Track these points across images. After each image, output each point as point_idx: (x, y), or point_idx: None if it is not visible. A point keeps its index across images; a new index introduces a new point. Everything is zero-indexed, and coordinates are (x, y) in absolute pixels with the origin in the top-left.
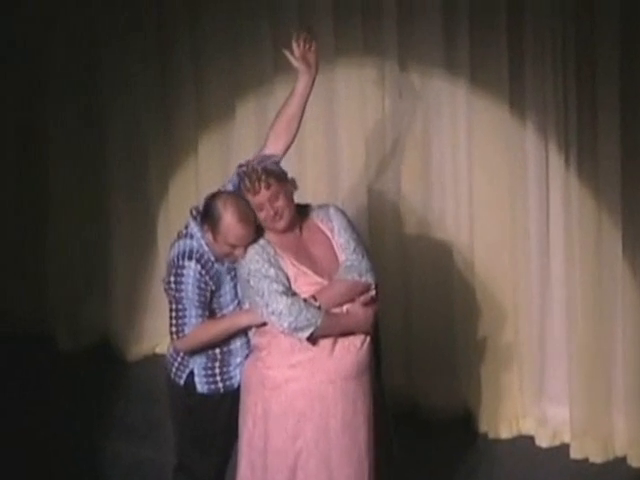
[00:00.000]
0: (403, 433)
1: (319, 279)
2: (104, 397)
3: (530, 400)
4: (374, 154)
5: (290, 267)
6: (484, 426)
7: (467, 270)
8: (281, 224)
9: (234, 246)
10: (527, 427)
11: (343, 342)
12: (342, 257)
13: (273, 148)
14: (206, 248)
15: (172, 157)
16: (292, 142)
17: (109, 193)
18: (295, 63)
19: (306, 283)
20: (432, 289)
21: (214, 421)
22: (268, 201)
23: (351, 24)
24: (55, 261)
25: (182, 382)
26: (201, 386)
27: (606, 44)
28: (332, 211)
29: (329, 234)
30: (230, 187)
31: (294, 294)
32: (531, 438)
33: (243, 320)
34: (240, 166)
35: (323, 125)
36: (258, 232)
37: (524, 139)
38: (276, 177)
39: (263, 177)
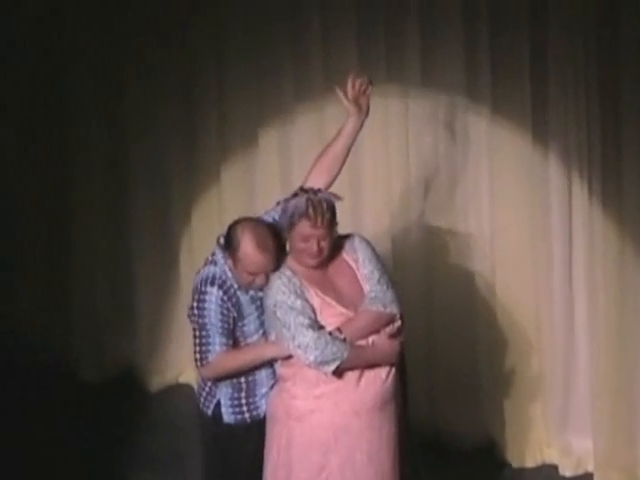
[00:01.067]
0: (427, 462)
1: (344, 310)
2: (128, 428)
3: (554, 429)
4: (398, 182)
5: (315, 298)
6: (508, 455)
7: (490, 299)
8: (316, 262)
9: (254, 274)
10: (551, 456)
11: (368, 374)
12: (367, 288)
13: (314, 184)
14: (229, 274)
15: (195, 186)
16: (332, 182)
17: (132, 223)
18: (346, 104)
19: (331, 314)
20: (455, 318)
21: (241, 452)
22: (318, 237)
23: (374, 55)
24: (79, 293)
25: (210, 412)
26: (227, 416)
27: (630, 74)
28: (357, 242)
29: (354, 265)
30: (268, 219)
31: (320, 327)
32: (555, 467)
33: (268, 352)
34: (302, 189)
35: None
36: (279, 260)
37: (547, 168)
38: (334, 218)
39: (328, 215)
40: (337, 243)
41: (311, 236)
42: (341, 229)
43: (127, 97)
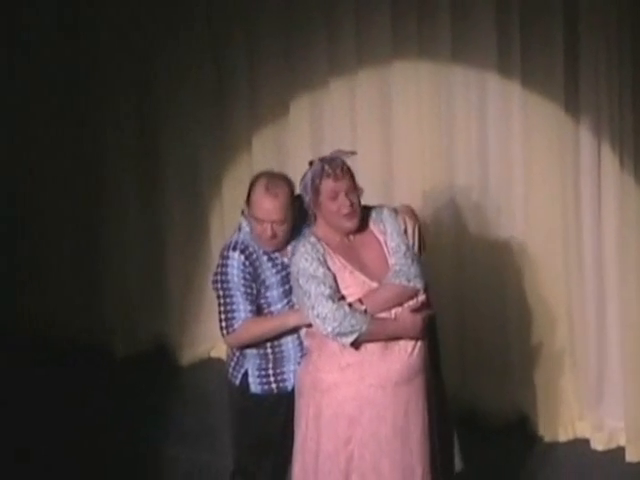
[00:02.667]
0: (459, 437)
1: (367, 280)
2: (160, 402)
3: (586, 404)
4: (429, 156)
5: (339, 266)
6: (540, 430)
7: (521, 273)
8: (352, 224)
9: (261, 221)
10: (583, 431)
11: (393, 347)
12: (392, 261)
13: None
14: (251, 236)
15: (225, 156)
16: None
17: (163, 196)
18: None
19: (354, 283)
20: (486, 292)
21: (269, 424)
22: (346, 191)
23: (406, 26)
24: (111, 268)
25: (237, 382)
26: (254, 386)
27: None
28: (385, 214)
29: (381, 237)
30: None
31: (341, 298)
32: (587, 442)
33: (291, 320)
34: (310, 163)
35: (379, 127)
36: (291, 218)
37: (578, 141)
38: (352, 173)
39: (346, 167)
40: (365, 214)
41: (338, 190)
42: (372, 200)
43: (157, 68)
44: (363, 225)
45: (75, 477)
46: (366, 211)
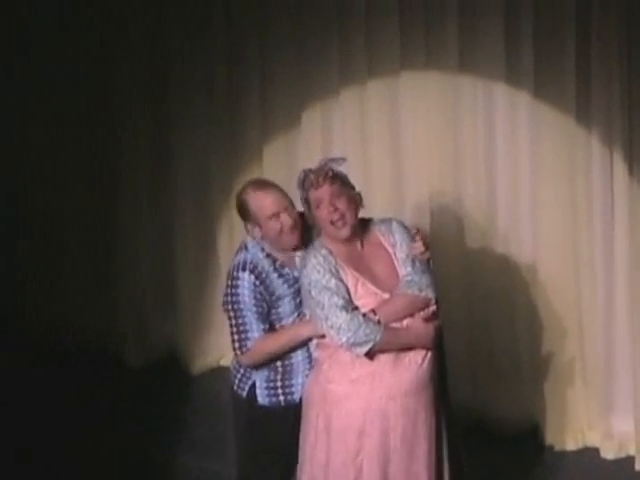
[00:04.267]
0: (469, 446)
1: (379, 291)
2: (171, 411)
3: (596, 412)
4: (437, 167)
5: (350, 278)
6: (550, 438)
7: (531, 282)
8: (344, 232)
9: (276, 215)
10: (593, 439)
11: (404, 358)
12: (402, 272)
13: None
14: (260, 255)
15: (237, 166)
16: None
17: (174, 206)
18: None
19: (366, 294)
20: (496, 302)
21: (275, 435)
22: (329, 197)
23: (414, 37)
24: (122, 277)
25: (244, 394)
26: (262, 398)
27: None
28: (394, 225)
29: (390, 249)
30: None
31: (355, 308)
32: (596, 450)
33: (304, 331)
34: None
35: (388, 137)
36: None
37: (589, 151)
38: (341, 179)
39: (329, 173)
40: (374, 227)
41: (319, 199)
42: (381, 212)
43: (171, 78)
44: (372, 237)
45: None
46: (374, 223)
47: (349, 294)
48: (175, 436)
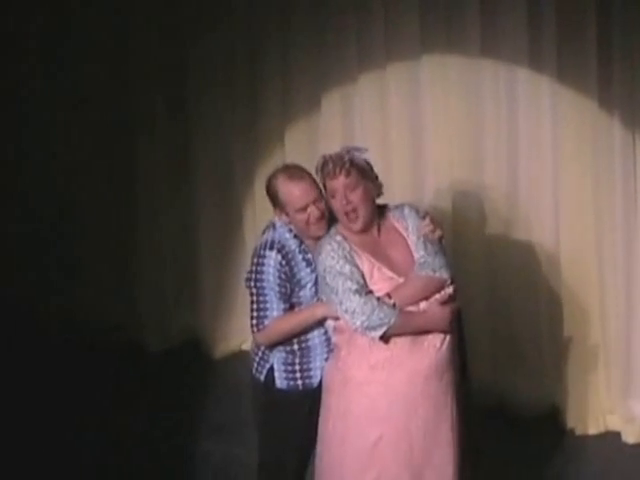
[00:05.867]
0: (490, 429)
1: (395, 275)
2: (193, 395)
3: (617, 397)
4: (458, 151)
5: (366, 263)
6: (571, 422)
7: (553, 267)
8: (357, 225)
9: (304, 209)
10: (614, 423)
11: (422, 342)
12: (416, 255)
13: None
14: (287, 235)
15: (258, 152)
16: None
17: (197, 192)
18: None
19: (382, 279)
20: (518, 287)
21: (294, 419)
22: (344, 189)
23: (435, 20)
24: (144, 262)
25: (263, 378)
26: (280, 381)
27: None
28: (406, 210)
29: (404, 233)
30: None
31: (369, 292)
32: (618, 434)
33: (319, 311)
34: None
35: (408, 120)
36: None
37: (612, 135)
38: (359, 170)
39: (347, 164)
40: (389, 213)
41: (334, 189)
42: (402, 198)
43: (191, 64)
44: (387, 223)
45: (108, 469)
46: (388, 209)
47: (364, 279)
48: (197, 421)
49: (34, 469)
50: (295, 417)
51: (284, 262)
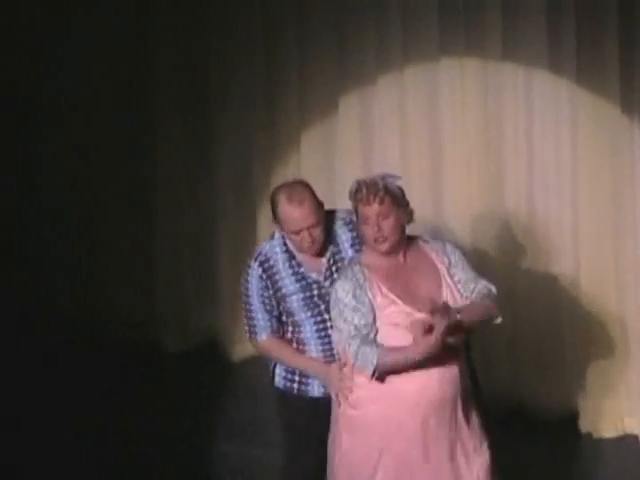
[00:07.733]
0: (509, 433)
1: (408, 309)
2: (211, 397)
3: (635, 400)
4: (476, 156)
5: (378, 295)
6: (589, 426)
7: (572, 272)
8: (383, 247)
9: (297, 232)
10: (632, 427)
11: (422, 375)
12: (467, 290)
13: None
14: (277, 249)
15: (275, 154)
16: None
17: (215, 193)
18: None
19: (394, 311)
20: (538, 291)
21: (294, 420)
22: (376, 216)
23: (454, 22)
24: (163, 263)
25: (270, 373)
26: (278, 380)
27: None
28: (449, 248)
29: (441, 267)
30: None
31: (373, 322)
32: (635, 438)
33: (311, 371)
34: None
35: (426, 125)
36: (322, 218)
37: (632, 140)
38: (393, 198)
39: (381, 192)
40: (424, 243)
41: (367, 216)
42: (421, 211)
43: (209, 67)
44: (420, 250)
45: (126, 470)
46: (423, 239)
47: (374, 310)
48: (215, 422)
49: (51, 469)
50: (295, 418)
51: (265, 275)
